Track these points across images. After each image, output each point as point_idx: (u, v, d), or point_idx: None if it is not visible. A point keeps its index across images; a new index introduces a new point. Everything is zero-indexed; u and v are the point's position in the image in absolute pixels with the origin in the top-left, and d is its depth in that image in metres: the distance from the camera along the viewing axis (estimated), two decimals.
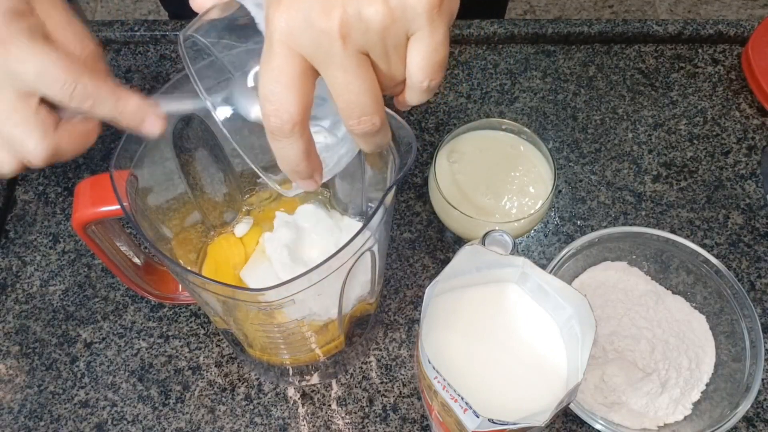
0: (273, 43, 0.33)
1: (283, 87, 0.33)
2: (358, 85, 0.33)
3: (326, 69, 0.33)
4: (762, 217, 0.67)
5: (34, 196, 0.68)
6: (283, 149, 0.36)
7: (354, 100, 0.34)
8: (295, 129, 0.34)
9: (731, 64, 0.77)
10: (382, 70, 0.34)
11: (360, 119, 0.35)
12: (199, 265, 0.55)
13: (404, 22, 0.33)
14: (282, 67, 0.33)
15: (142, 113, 0.41)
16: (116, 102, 0.40)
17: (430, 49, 0.34)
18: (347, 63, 0.33)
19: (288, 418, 0.57)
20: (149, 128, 0.41)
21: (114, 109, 0.40)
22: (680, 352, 0.57)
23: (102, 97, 0.39)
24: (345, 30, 0.32)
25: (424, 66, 0.34)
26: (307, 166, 0.37)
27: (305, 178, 0.38)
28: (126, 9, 1.84)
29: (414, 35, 0.33)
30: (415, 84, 0.35)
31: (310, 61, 0.33)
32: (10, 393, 0.58)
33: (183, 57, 0.37)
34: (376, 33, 0.32)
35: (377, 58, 0.34)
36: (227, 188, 0.55)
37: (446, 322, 0.47)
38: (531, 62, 0.76)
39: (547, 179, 0.59)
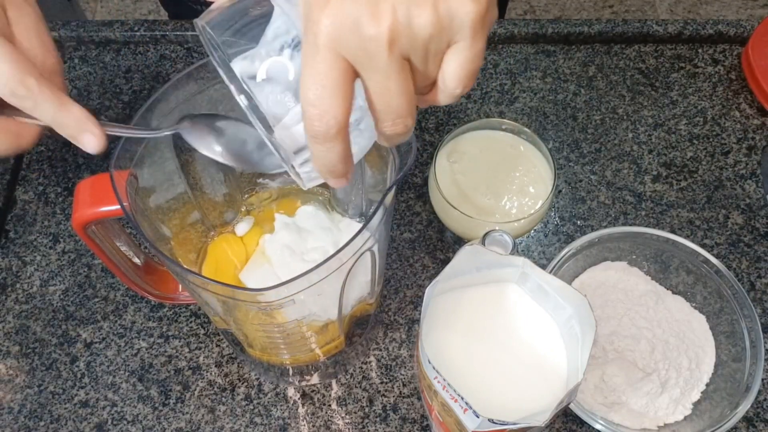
0: (318, 46, 0.32)
1: (329, 91, 0.33)
2: (397, 89, 0.34)
3: (368, 73, 0.33)
4: (762, 217, 0.67)
5: (34, 196, 0.68)
6: (324, 152, 0.35)
7: (391, 103, 0.34)
8: (339, 133, 0.34)
9: (731, 64, 0.77)
10: (419, 72, 0.35)
11: (394, 121, 0.35)
12: (199, 265, 0.55)
13: (450, 32, 0.33)
14: (327, 72, 0.33)
15: (81, 126, 0.41)
16: (58, 109, 0.40)
17: (468, 59, 0.34)
18: (390, 69, 0.33)
19: (288, 418, 0.57)
20: (86, 143, 0.41)
21: (54, 116, 0.40)
22: (680, 352, 0.57)
23: (44, 100, 0.40)
24: (393, 37, 0.32)
25: (460, 74, 0.35)
26: (344, 167, 0.37)
27: (339, 177, 0.38)
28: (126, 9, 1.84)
29: (456, 44, 0.34)
30: (447, 89, 0.36)
31: (353, 64, 0.33)
32: (10, 393, 0.58)
33: (206, 46, 0.37)
34: (422, 41, 0.33)
35: (417, 62, 0.34)
36: (227, 188, 0.55)
37: (446, 322, 0.47)
38: (531, 62, 0.76)
39: (547, 179, 0.59)
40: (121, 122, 0.71)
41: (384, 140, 0.38)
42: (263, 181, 0.58)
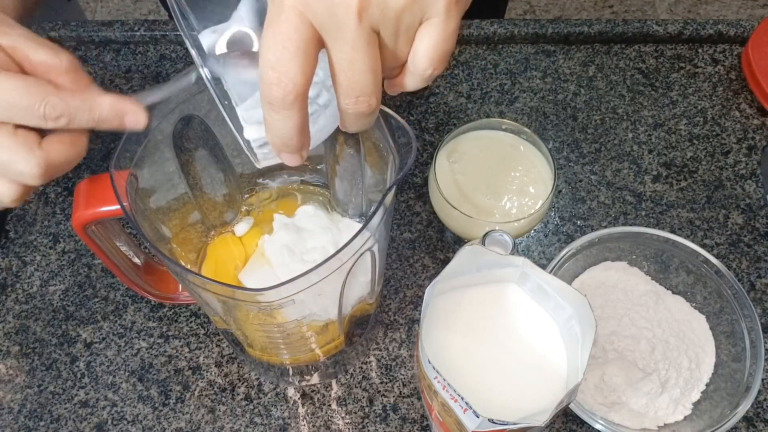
0: (284, 6, 0.31)
1: (290, 55, 0.31)
2: (363, 62, 0.32)
3: (334, 41, 0.32)
4: (762, 217, 0.67)
5: (34, 196, 0.68)
6: (279, 121, 0.34)
7: (356, 78, 0.33)
8: (297, 100, 0.33)
9: (731, 64, 0.77)
10: (388, 50, 0.33)
11: (357, 98, 0.34)
12: (199, 265, 0.55)
13: (423, 6, 0.32)
14: (290, 34, 0.31)
15: (118, 111, 0.40)
16: (90, 111, 0.40)
17: (440, 38, 0.33)
18: (357, 39, 0.31)
19: (288, 418, 0.57)
20: (132, 123, 0.41)
21: (91, 118, 0.40)
22: (680, 352, 0.57)
23: (74, 110, 0.39)
24: (364, 4, 0.31)
25: (431, 54, 0.33)
26: (299, 140, 0.35)
27: (292, 153, 0.36)
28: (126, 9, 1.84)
29: (428, 21, 0.33)
30: (417, 70, 0.34)
31: (319, 30, 0.32)
32: (10, 393, 0.58)
33: (176, 18, 0.36)
34: (393, 12, 0.31)
35: (386, 37, 0.33)
36: (227, 188, 0.55)
37: (446, 322, 0.47)
38: (531, 62, 0.76)
39: (547, 179, 0.59)
40: None
41: (346, 122, 0.36)
42: (263, 182, 0.58)
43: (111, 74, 0.75)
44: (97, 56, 0.76)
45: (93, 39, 0.76)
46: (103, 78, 0.75)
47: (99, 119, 0.40)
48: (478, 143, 0.61)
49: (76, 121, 0.39)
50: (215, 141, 0.51)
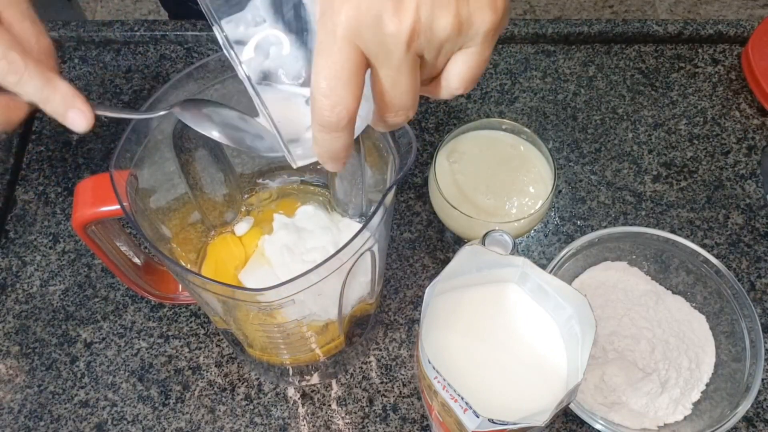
0: (336, 35, 0.32)
1: (343, 83, 0.33)
2: (406, 84, 0.34)
3: (381, 67, 0.34)
4: (762, 217, 0.67)
5: (34, 196, 0.68)
6: (330, 141, 0.36)
7: (399, 97, 0.35)
8: (349, 124, 0.34)
9: (731, 64, 0.77)
10: (426, 69, 0.35)
11: (397, 113, 0.36)
12: (199, 265, 0.55)
13: (466, 37, 0.34)
14: (343, 63, 0.33)
15: (68, 102, 0.40)
16: (44, 85, 0.39)
17: (474, 64, 0.35)
18: (403, 65, 0.33)
19: (288, 418, 0.57)
20: (72, 121, 0.41)
21: (40, 92, 0.40)
22: (680, 352, 0.57)
23: (29, 76, 0.39)
24: (413, 35, 0.32)
25: (464, 77, 0.35)
26: (346, 154, 0.37)
27: (337, 162, 0.38)
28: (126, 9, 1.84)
29: (467, 48, 0.34)
30: (449, 87, 0.36)
31: (367, 56, 0.33)
32: (10, 393, 0.58)
33: (202, 4, 0.36)
34: (438, 41, 0.33)
35: (428, 58, 0.34)
36: (227, 189, 0.55)
37: (446, 322, 0.47)
38: (531, 62, 0.76)
39: (547, 179, 0.59)
40: (121, 123, 0.72)
41: (381, 126, 0.38)
42: (263, 182, 0.58)
43: (111, 74, 0.75)
44: (97, 56, 0.76)
45: (93, 39, 0.76)
46: (103, 78, 0.75)
47: (46, 98, 0.40)
48: (478, 143, 0.61)
49: (25, 86, 0.39)
50: (215, 141, 0.51)
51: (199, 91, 0.47)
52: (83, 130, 0.41)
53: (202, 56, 0.76)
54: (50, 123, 0.72)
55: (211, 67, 0.46)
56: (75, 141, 0.71)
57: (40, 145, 0.71)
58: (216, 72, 0.46)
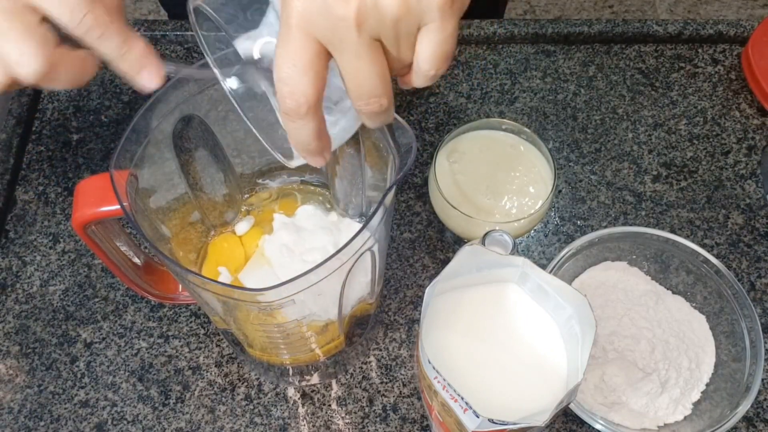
0: (290, 26, 0.34)
1: (299, 70, 0.34)
2: (368, 69, 0.35)
3: (340, 53, 0.34)
4: (762, 217, 0.67)
5: (34, 196, 0.68)
6: (297, 129, 0.37)
7: (364, 83, 0.35)
8: (310, 111, 0.35)
9: (731, 64, 0.77)
10: (392, 55, 0.36)
11: (368, 100, 0.36)
12: (199, 265, 0.55)
13: (418, 14, 0.34)
14: (298, 51, 0.34)
15: (144, 62, 0.40)
16: (123, 42, 0.39)
17: (439, 41, 0.35)
18: (360, 49, 0.34)
19: (288, 418, 0.57)
20: (146, 79, 0.41)
21: (118, 49, 0.39)
22: (680, 352, 0.57)
23: (110, 32, 0.39)
24: (361, 18, 0.33)
25: (432, 56, 0.36)
26: (318, 144, 0.38)
27: (315, 155, 0.39)
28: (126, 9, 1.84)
29: (426, 26, 0.34)
30: (421, 71, 0.37)
31: (324, 44, 0.34)
32: (10, 393, 0.58)
33: (193, 26, 0.37)
34: (390, 22, 0.33)
35: (388, 44, 0.35)
36: (227, 188, 0.55)
37: (446, 322, 0.47)
38: (531, 62, 0.76)
39: (547, 179, 0.59)
40: (121, 123, 0.72)
41: (365, 119, 0.39)
42: (263, 182, 0.58)
43: (111, 74, 0.75)
44: None
45: None
46: (103, 78, 0.75)
47: (123, 55, 0.40)
48: (478, 143, 0.61)
49: (105, 43, 0.39)
50: (215, 141, 0.51)
51: (199, 91, 0.47)
52: (153, 88, 0.41)
53: (201, 56, 0.76)
54: (50, 123, 0.72)
55: None
56: (75, 141, 0.71)
57: (40, 145, 0.71)
58: None
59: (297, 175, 0.58)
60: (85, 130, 0.71)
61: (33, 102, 0.73)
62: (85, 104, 0.73)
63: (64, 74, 0.40)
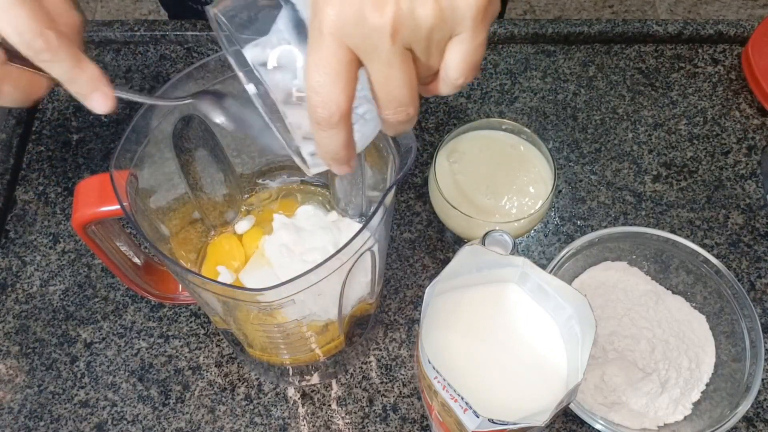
0: (323, 34, 0.33)
1: (331, 79, 0.34)
2: (399, 78, 0.35)
3: (371, 62, 0.34)
4: (762, 217, 0.67)
5: (34, 196, 0.68)
6: (327, 138, 0.36)
7: (393, 92, 0.35)
8: (342, 120, 0.35)
9: (731, 64, 0.77)
10: (421, 63, 0.35)
11: (396, 109, 0.36)
12: (199, 265, 0.55)
13: (451, 24, 0.34)
14: (330, 59, 0.34)
15: (93, 85, 0.41)
16: (73, 66, 0.40)
17: (469, 50, 0.35)
18: (393, 58, 0.34)
19: (288, 418, 0.57)
20: (95, 103, 0.41)
21: (68, 72, 0.40)
22: (680, 352, 0.57)
23: (60, 56, 0.39)
24: (396, 27, 0.33)
25: (462, 65, 0.36)
26: (346, 153, 0.38)
27: (342, 164, 0.39)
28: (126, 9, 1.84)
29: (457, 35, 0.34)
30: (449, 79, 0.36)
31: (356, 52, 0.34)
32: (10, 393, 0.58)
33: (215, 30, 0.37)
34: (424, 31, 0.33)
35: (419, 52, 0.35)
36: (227, 189, 0.55)
37: (446, 322, 0.47)
38: (531, 62, 0.76)
39: (547, 179, 0.59)
40: (121, 123, 0.72)
41: (387, 128, 0.38)
42: (263, 182, 0.58)
43: (111, 74, 0.75)
44: (97, 56, 0.76)
45: (93, 39, 0.76)
46: None
47: (73, 78, 0.40)
48: (478, 143, 0.61)
49: (54, 66, 0.40)
50: (215, 141, 0.51)
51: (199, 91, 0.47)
52: (104, 112, 0.41)
53: (202, 56, 0.76)
54: (50, 123, 0.72)
55: (211, 67, 0.46)
56: (75, 141, 0.71)
57: (40, 145, 0.71)
58: (216, 72, 0.46)
59: (297, 175, 0.58)
60: (85, 130, 0.71)
61: None
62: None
63: (9, 91, 0.41)
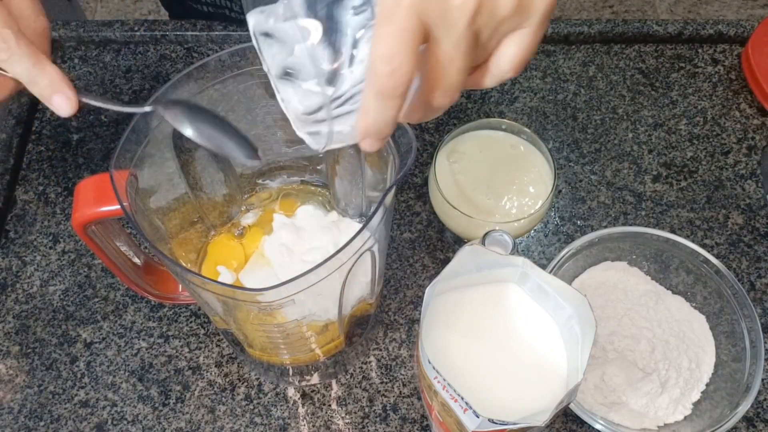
0: (401, 5, 0.33)
1: (405, 50, 0.33)
2: (461, 61, 0.34)
3: (441, 40, 0.34)
4: (762, 217, 0.67)
5: (34, 196, 0.68)
6: (384, 110, 0.35)
7: (452, 75, 0.35)
8: (405, 93, 0.34)
9: (731, 64, 0.77)
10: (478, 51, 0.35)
11: (445, 92, 0.35)
12: (199, 265, 0.55)
13: (524, 16, 0.34)
14: (405, 30, 0.33)
15: (54, 87, 0.41)
16: (33, 66, 0.40)
17: (527, 45, 0.35)
18: (462, 40, 0.33)
19: (288, 418, 0.57)
20: (57, 105, 0.42)
21: (28, 72, 0.40)
22: (680, 352, 0.57)
23: (20, 55, 0.40)
24: (477, 9, 0.32)
25: (515, 60, 0.36)
26: (392, 129, 0.37)
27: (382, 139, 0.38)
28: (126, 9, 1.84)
29: (520, 29, 0.35)
30: (498, 71, 0.36)
31: (429, 28, 0.33)
32: (10, 393, 0.58)
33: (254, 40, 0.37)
34: (497, 20, 0.33)
35: (483, 39, 0.34)
36: (227, 189, 0.55)
37: (446, 322, 0.47)
38: (531, 62, 0.76)
39: (547, 179, 0.59)
40: (121, 123, 0.72)
41: (421, 112, 0.38)
42: (263, 182, 0.58)
43: (111, 74, 0.75)
44: (97, 56, 0.76)
45: (93, 39, 0.76)
46: (103, 78, 0.75)
47: (33, 79, 0.41)
48: (478, 143, 0.61)
49: (13, 66, 0.40)
50: None
51: (199, 91, 0.47)
52: (66, 114, 0.42)
53: (202, 56, 0.76)
54: (50, 123, 0.72)
55: (211, 67, 0.46)
56: (75, 141, 0.71)
57: (40, 145, 0.71)
58: (216, 72, 0.46)
59: (297, 175, 0.58)
60: (85, 130, 0.71)
61: (33, 102, 0.73)
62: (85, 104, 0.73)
63: None
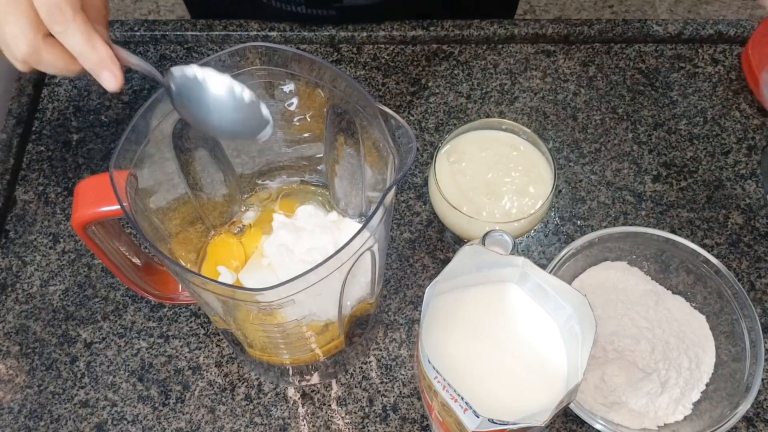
0: None
1: None
2: None
3: None
4: (762, 217, 0.67)
5: (34, 196, 0.68)
6: None
7: None
8: None
9: (731, 64, 0.77)
10: None
11: None
12: (199, 265, 0.55)
13: None
14: None
15: (102, 66, 0.43)
16: (85, 42, 0.42)
17: None
18: None
19: (288, 418, 0.57)
20: (105, 81, 0.44)
21: (80, 46, 0.43)
22: (680, 352, 0.57)
23: (74, 30, 0.42)
24: None
25: None
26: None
27: None
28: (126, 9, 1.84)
29: None
30: None
31: None
32: (10, 393, 0.58)
33: None
34: None
35: None
36: (227, 189, 0.55)
37: (446, 322, 0.47)
38: (531, 62, 0.76)
39: (547, 179, 0.59)
40: (121, 123, 0.72)
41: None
42: (263, 182, 0.58)
43: None
44: None
45: None
46: None
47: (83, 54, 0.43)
48: (478, 143, 0.61)
49: (68, 39, 0.43)
50: (215, 141, 0.51)
51: None
52: (112, 90, 0.44)
53: (202, 56, 0.76)
54: (50, 123, 0.72)
55: (211, 67, 0.46)
56: (75, 141, 0.71)
57: (40, 145, 0.71)
58: None
59: (297, 175, 0.58)
60: (85, 130, 0.71)
61: (33, 102, 0.73)
62: (85, 104, 0.73)
63: (47, 60, 0.44)
